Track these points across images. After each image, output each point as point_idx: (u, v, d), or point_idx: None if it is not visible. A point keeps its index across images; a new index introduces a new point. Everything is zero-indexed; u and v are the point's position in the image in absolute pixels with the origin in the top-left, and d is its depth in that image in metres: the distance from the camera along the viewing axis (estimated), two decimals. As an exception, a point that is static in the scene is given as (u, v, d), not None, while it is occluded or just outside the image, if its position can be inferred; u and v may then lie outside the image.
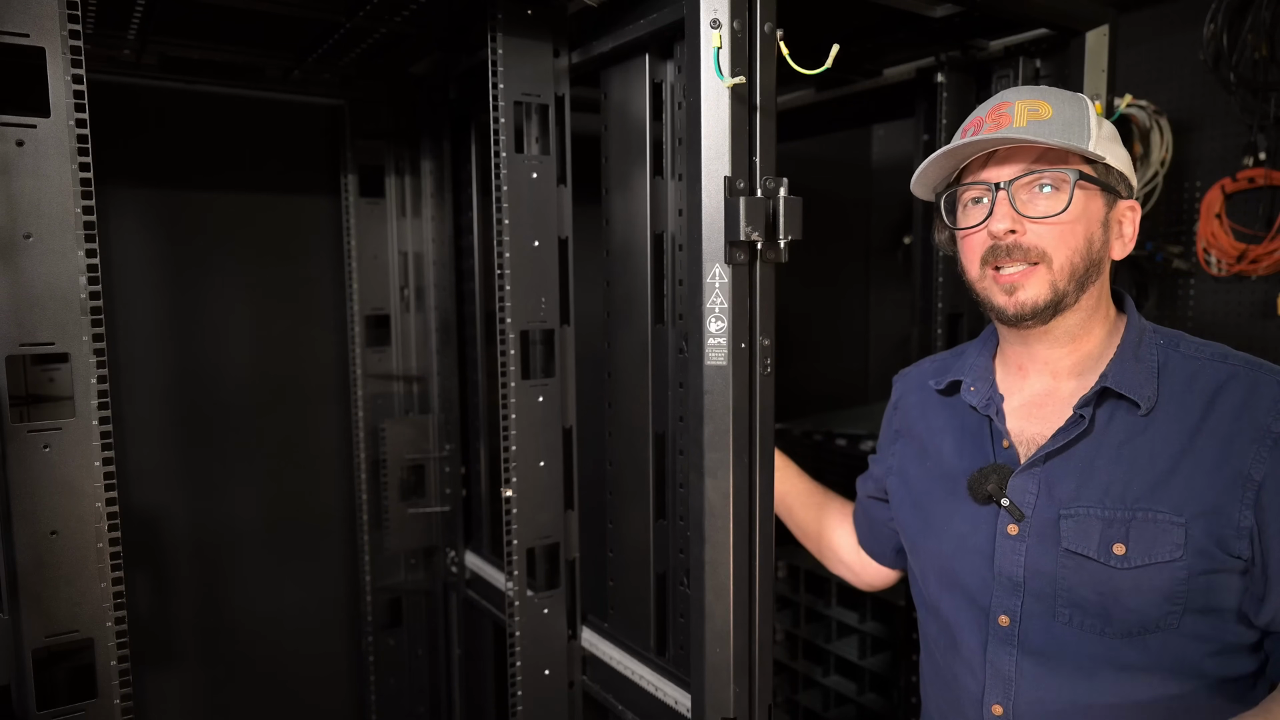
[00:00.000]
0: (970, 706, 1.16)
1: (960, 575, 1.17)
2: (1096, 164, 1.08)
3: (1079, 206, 1.07)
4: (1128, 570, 1.03)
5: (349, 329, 2.20)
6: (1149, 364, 1.09)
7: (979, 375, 1.22)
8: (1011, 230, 1.07)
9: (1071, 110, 1.08)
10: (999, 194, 1.08)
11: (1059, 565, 1.07)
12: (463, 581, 2.16)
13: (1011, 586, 1.11)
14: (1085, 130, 1.06)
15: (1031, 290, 1.08)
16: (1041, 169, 1.07)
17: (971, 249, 1.13)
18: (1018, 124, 1.07)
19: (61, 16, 1.07)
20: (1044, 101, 1.08)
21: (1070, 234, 1.07)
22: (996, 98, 1.14)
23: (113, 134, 1.86)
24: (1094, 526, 1.05)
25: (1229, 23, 1.95)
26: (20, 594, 1.09)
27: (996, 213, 1.08)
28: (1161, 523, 1.02)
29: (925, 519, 1.25)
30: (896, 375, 1.43)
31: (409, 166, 2.18)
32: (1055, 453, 1.10)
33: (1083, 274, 1.08)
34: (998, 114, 1.10)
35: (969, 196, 1.14)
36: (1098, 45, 1.69)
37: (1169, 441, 1.05)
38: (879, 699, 2.22)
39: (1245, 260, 1.98)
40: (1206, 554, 1.01)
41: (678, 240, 1.42)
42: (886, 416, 1.42)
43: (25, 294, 1.08)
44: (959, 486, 1.18)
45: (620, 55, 1.49)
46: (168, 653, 2.09)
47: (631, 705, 1.55)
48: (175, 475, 2.08)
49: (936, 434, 1.27)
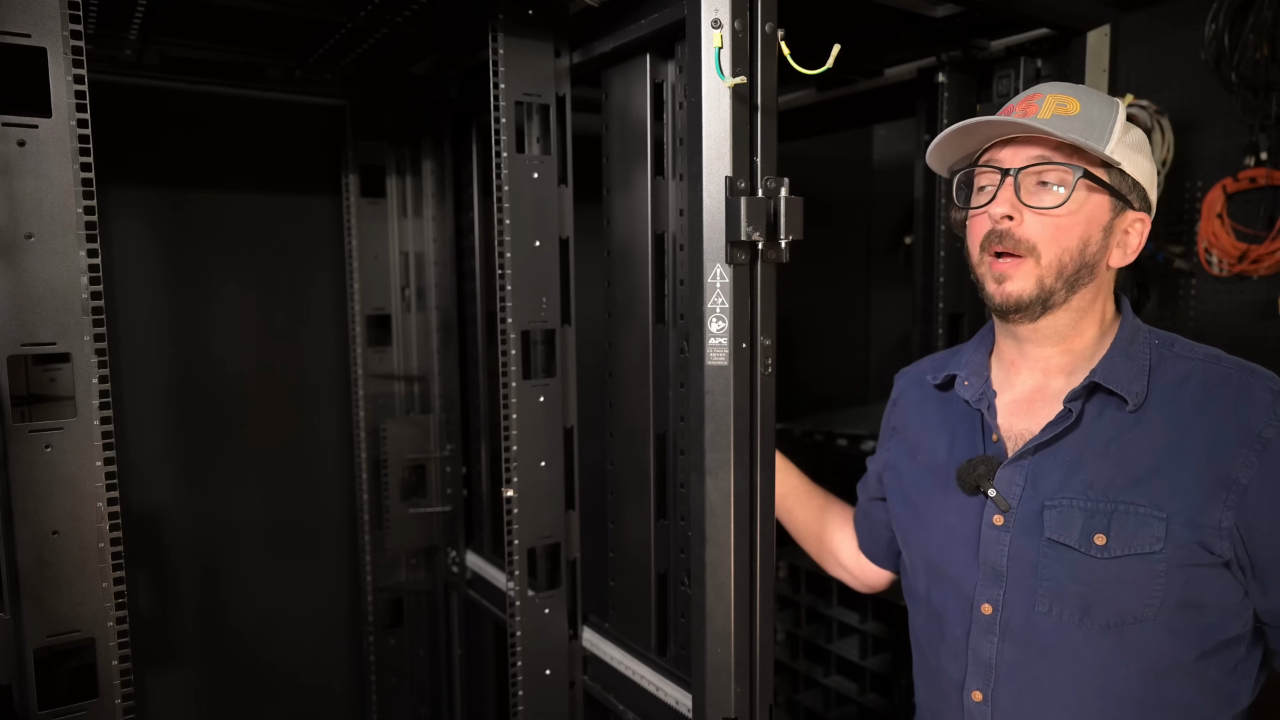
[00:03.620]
0: (952, 693, 1.19)
1: (947, 565, 1.19)
2: (1111, 169, 1.08)
3: (1076, 204, 1.07)
4: (1108, 560, 1.04)
5: (350, 329, 2.20)
6: (1140, 362, 1.10)
7: (973, 370, 1.23)
8: (1009, 216, 1.07)
9: (1099, 111, 1.08)
10: (1006, 179, 1.09)
11: (1040, 555, 1.09)
12: (464, 581, 2.16)
13: (994, 575, 1.13)
14: (1106, 132, 1.06)
15: (1018, 283, 1.08)
16: (1050, 161, 1.07)
17: (975, 230, 1.14)
18: (1043, 116, 1.07)
19: (63, 17, 1.07)
20: (1074, 99, 1.09)
21: (1064, 232, 1.07)
22: (1035, 88, 1.14)
23: (114, 134, 1.86)
24: (1076, 517, 1.06)
25: (1230, 22, 1.95)
26: (21, 593, 1.09)
27: (1000, 197, 1.09)
28: (1143, 515, 1.03)
29: (916, 511, 1.27)
30: (898, 373, 1.44)
31: (410, 166, 2.18)
32: (1043, 445, 1.11)
33: (1072, 274, 1.08)
34: (1028, 103, 1.11)
35: (982, 179, 1.14)
36: (1099, 45, 1.69)
37: (1156, 439, 1.06)
38: (880, 699, 2.22)
39: (1246, 260, 1.97)
40: (1186, 549, 1.02)
41: (679, 240, 1.42)
42: (886, 413, 1.43)
43: (27, 294, 1.08)
44: (949, 479, 1.19)
45: (621, 55, 1.49)
46: (169, 652, 2.09)
47: (632, 705, 1.55)
48: (176, 475, 2.08)
49: (931, 429, 1.28)
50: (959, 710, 1.18)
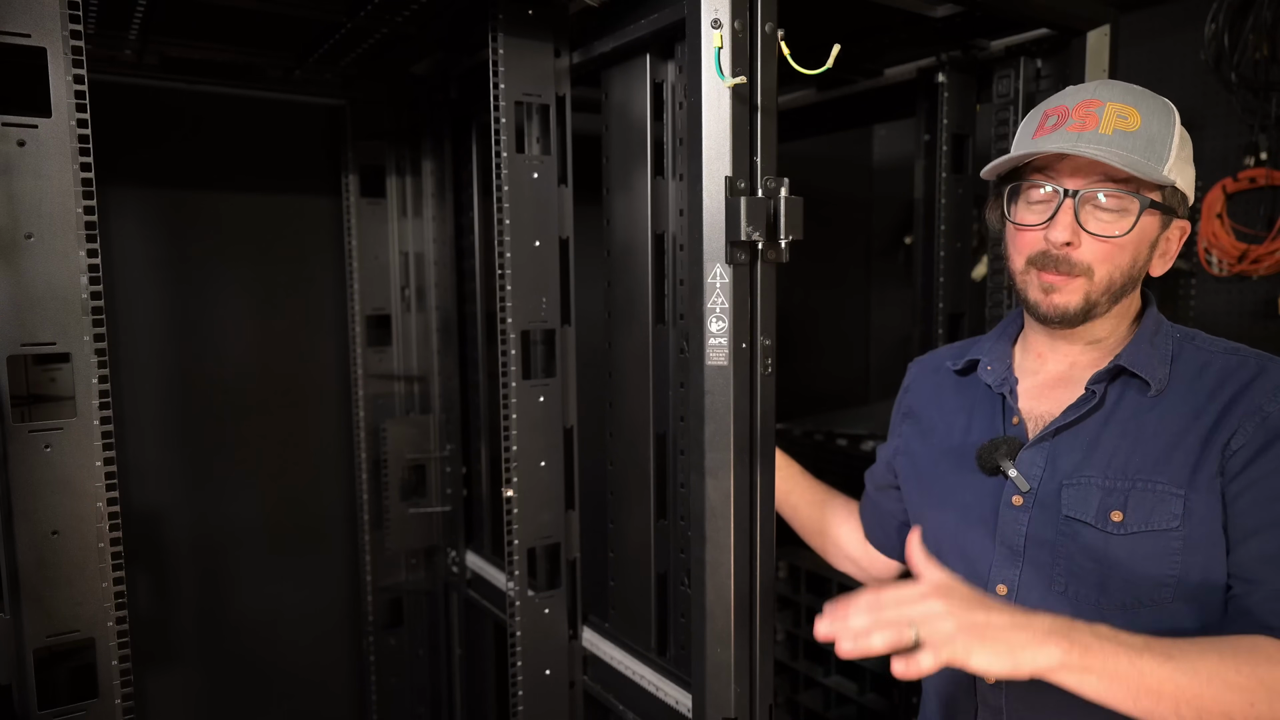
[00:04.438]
0: (965, 676, 1.18)
1: (964, 545, 1.19)
2: (1165, 188, 1.07)
3: (1137, 231, 1.07)
4: (1124, 536, 1.04)
5: (350, 329, 2.20)
6: (1164, 351, 1.11)
7: (997, 356, 1.24)
8: (1068, 243, 1.07)
9: (1158, 125, 1.06)
10: (1065, 201, 1.07)
11: (1058, 533, 1.09)
12: (464, 581, 2.16)
13: (1011, 556, 1.13)
14: (1166, 150, 1.05)
15: (1066, 296, 1.09)
16: (1113, 189, 1.05)
17: (1024, 245, 1.12)
18: (1103, 129, 1.05)
19: (63, 17, 1.07)
20: (1134, 109, 1.07)
21: (1119, 253, 1.07)
22: (1088, 89, 1.11)
23: (114, 134, 1.86)
24: (1093, 494, 1.07)
25: (1230, 23, 1.95)
26: (21, 594, 1.09)
27: (1059, 220, 1.07)
28: (1160, 492, 1.04)
29: (931, 492, 1.27)
30: (912, 361, 1.45)
31: (410, 166, 2.18)
32: (1065, 428, 1.12)
33: (1119, 288, 1.09)
34: (1086, 110, 1.08)
35: (1035, 193, 1.12)
36: (1099, 45, 1.69)
37: (1174, 420, 1.07)
38: (880, 699, 2.22)
39: (1246, 260, 1.98)
40: (1206, 525, 1.02)
41: (678, 240, 1.42)
42: (897, 400, 1.44)
43: (27, 294, 1.08)
44: (967, 460, 1.20)
45: (621, 55, 1.49)
46: (169, 652, 2.09)
47: (632, 705, 1.55)
48: (176, 475, 2.08)
49: (948, 412, 1.29)
50: (971, 694, 1.18)
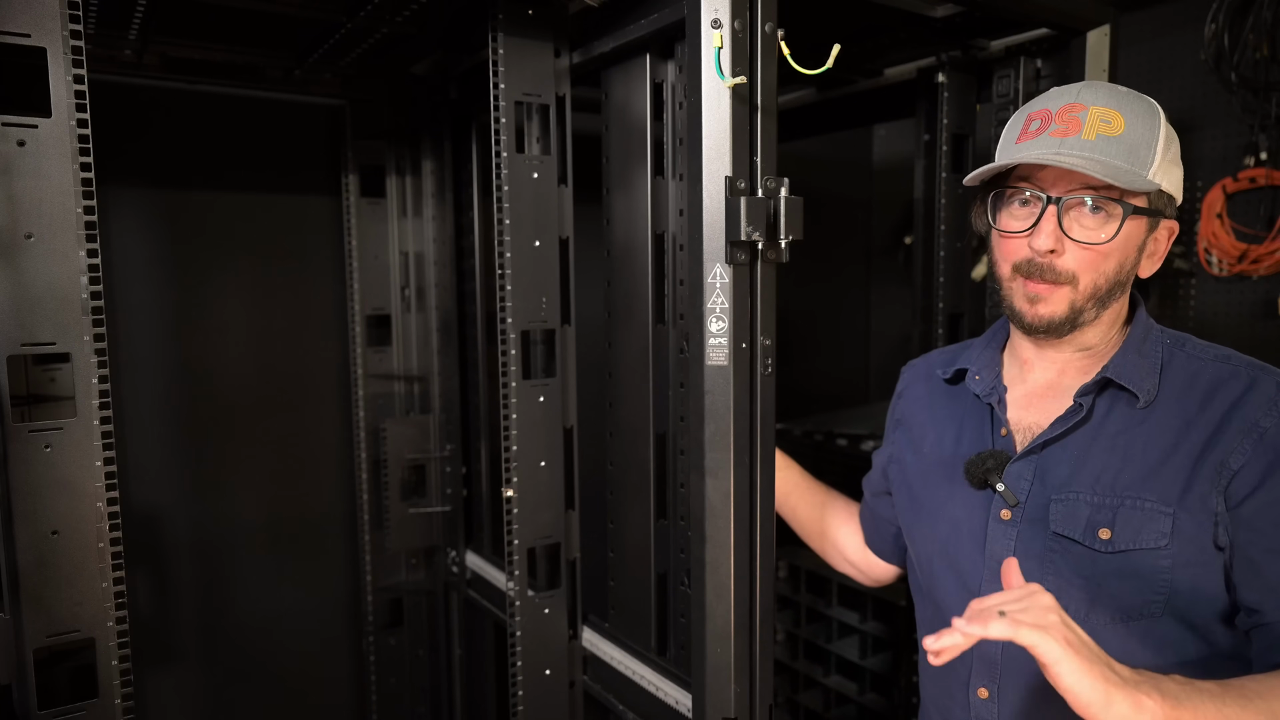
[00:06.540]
0: (959, 690, 1.18)
1: (953, 559, 1.19)
2: (1152, 192, 1.06)
3: (1122, 236, 1.06)
4: (1112, 554, 1.04)
5: (350, 329, 2.20)
6: (1152, 360, 1.10)
7: (985, 365, 1.23)
8: (1052, 250, 1.06)
9: (1142, 129, 1.05)
10: (1049, 208, 1.06)
11: (1046, 548, 1.09)
12: (463, 581, 2.16)
13: (1000, 570, 1.12)
14: (1151, 154, 1.04)
15: (1051, 305, 1.08)
16: (1096, 195, 1.04)
17: (1008, 252, 1.11)
18: (1086, 135, 1.04)
19: (63, 16, 1.07)
20: (1118, 113, 1.05)
21: (1104, 260, 1.06)
22: (1072, 92, 1.10)
23: (114, 134, 1.86)
24: (1081, 511, 1.06)
25: (1230, 22, 1.95)
26: (21, 594, 1.09)
27: (1042, 227, 1.06)
28: (1149, 510, 1.03)
29: (921, 504, 1.26)
30: (905, 365, 1.44)
31: (410, 166, 2.18)
32: (1052, 440, 1.11)
33: (1105, 294, 1.08)
34: (1069, 115, 1.07)
35: (1017, 199, 1.11)
36: (1099, 45, 1.69)
37: (1164, 435, 1.06)
38: (880, 699, 2.22)
39: (1246, 260, 1.98)
40: (1195, 543, 1.01)
41: (678, 240, 1.42)
42: (891, 406, 1.43)
43: (26, 294, 1.08)
44: (956, 472, 1.19)
45: (621, 55, 1.49)
46: (169, 652, 2.09)
47: (632, 705, 1.55)
48: (176, 475, 2.08)
49: (939, 422, 1.28)
50: (965, 707, 1.18)
